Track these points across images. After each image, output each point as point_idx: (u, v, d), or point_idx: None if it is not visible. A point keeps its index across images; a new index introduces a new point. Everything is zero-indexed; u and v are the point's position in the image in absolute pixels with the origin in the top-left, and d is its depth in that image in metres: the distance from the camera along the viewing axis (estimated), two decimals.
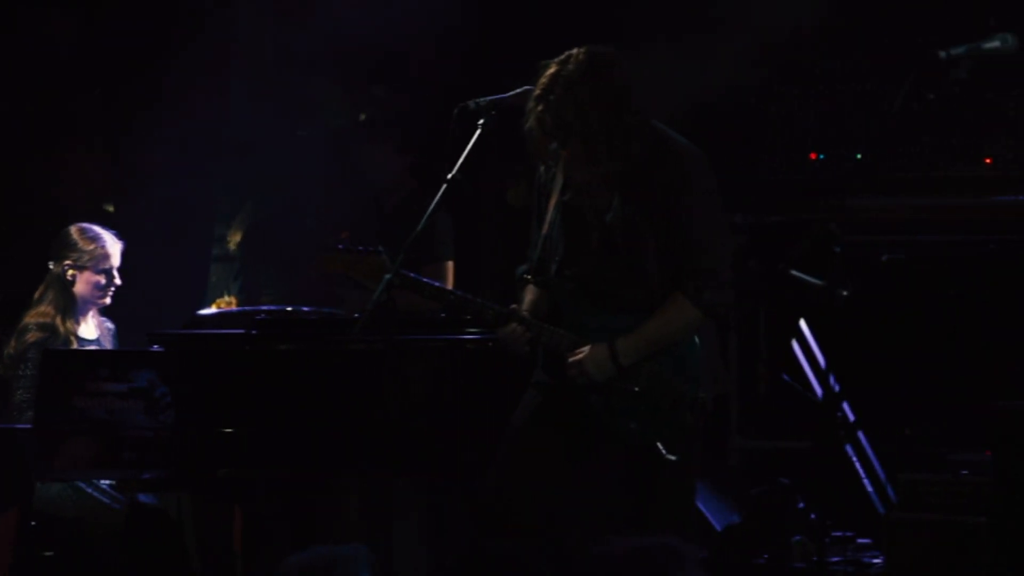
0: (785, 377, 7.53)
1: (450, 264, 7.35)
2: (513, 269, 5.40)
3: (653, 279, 5.15)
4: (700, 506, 6.94)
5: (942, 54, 5.10)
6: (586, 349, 5.15)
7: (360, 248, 5.31)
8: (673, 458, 5.11)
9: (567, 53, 5.11)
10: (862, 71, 7.30)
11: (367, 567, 3.91)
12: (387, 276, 5.19)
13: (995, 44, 5.15)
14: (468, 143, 5.28)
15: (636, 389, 5.15)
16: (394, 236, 5.93)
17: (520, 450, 5.22)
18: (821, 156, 7.49)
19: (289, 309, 6.58)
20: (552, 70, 5.08)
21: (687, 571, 3.85)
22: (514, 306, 5.23)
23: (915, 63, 5.46)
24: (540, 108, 5.06)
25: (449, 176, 5.27)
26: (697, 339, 5.18)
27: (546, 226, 5.24)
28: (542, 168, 5.31)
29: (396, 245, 5.29)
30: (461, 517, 6.21)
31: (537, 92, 5.08)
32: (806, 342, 7.69)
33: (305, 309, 6.54)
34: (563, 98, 5.03)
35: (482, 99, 5.32)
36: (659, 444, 5.12)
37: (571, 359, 5.15)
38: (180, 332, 6.31)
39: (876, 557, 6.96)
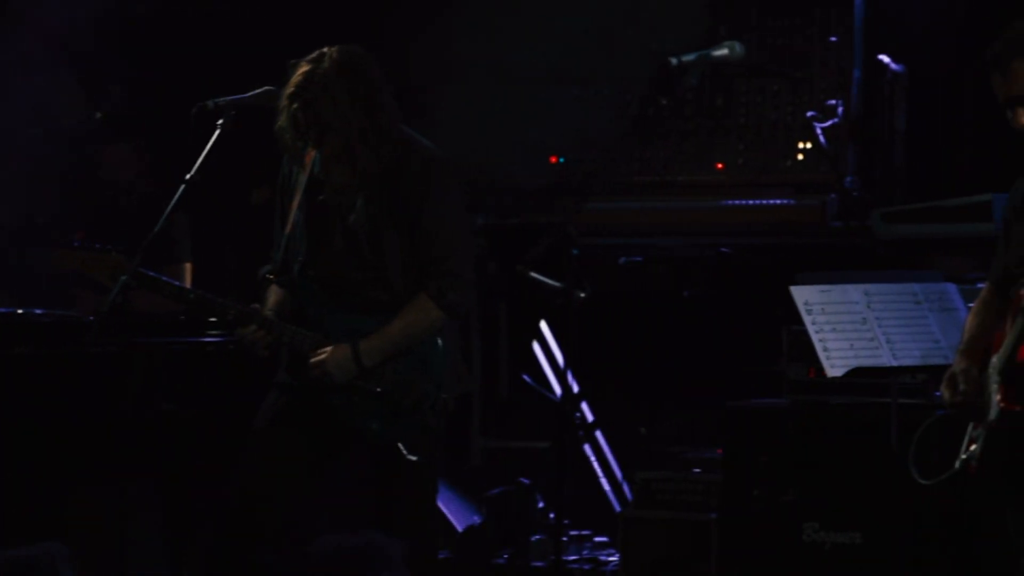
0: (526, 378, 7.62)
1: (188, 266, 7.26)
2: (256, 270, 5.37)
3: (396, 280, 5.18)
4: (441, 506, 6.98)
5: (673, 61, 5.23)
6: (328, 350, 5.14)
7: (97, 246, 5.21)
8: (414, 458, 5.13)
9: (319, 51, 5.10)
10: (600, 76, 7.43)
11: (68, 566, 3.83)
12: (123, 277, 5.10)
13: (723, 52, 5.30)
14: (207, 143, 5.22)
15: (378, 390, 5.16)
16: (131, 236, 5.83)
17: (262, 452, 5.19)
18: (561, 160, 7.59)
19: (20, 312, 6.42)
20: (306, 68, 5.06)
21: (392, 570, 3.88)
22: (256, 306, 5.19)
23: (649, 69, 5.58)
24: (295, 106, 5.04)
25: (188, 176, 5.21)
26: (440, 340, 5.21)
27: (289, 226, 5.22)
28: (285, 168, 5.29)
29: (134, 246, 5.20)
30: (202, 519, 6.14)
31: (291, 90, 5.05)
32: (546, 343, 7.80)
33: (37, 312, 6.39)
34: (319, 96, 5.02)
35: (221, 99, 5.27)
36: (400, 444, 5.14)
37: (313, 360, 5.14)
38: None
39: (612, 555, 7.09)
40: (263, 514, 5.13)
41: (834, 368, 5.53)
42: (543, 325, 7.79)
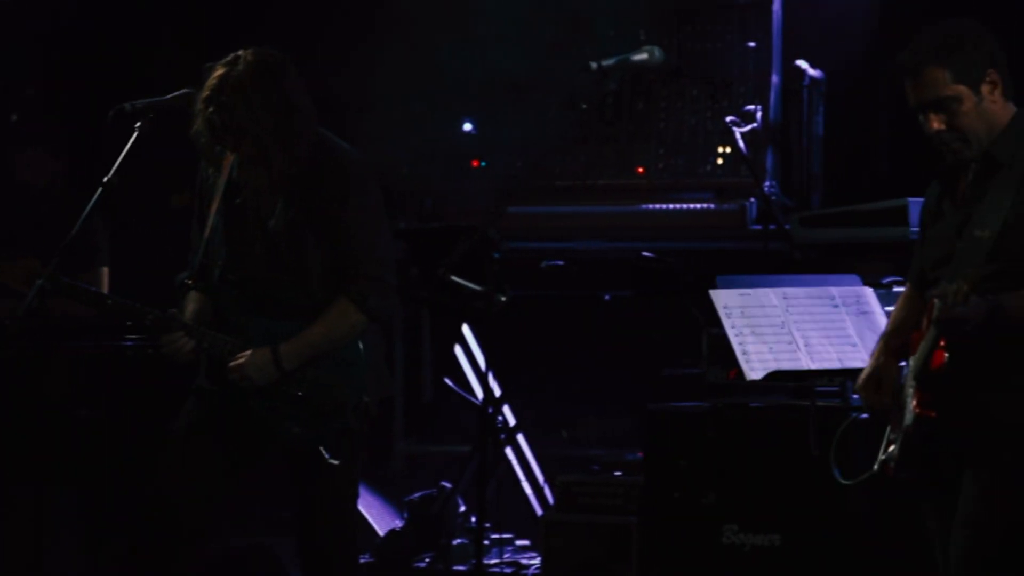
0: (448, 381, 7.62)
1: (105, 270, 7.20)
2: (175, 275, 5.33)
3: (317, 284, 5.16)
4: (362, 510, 6.97)
5: (593, 65, 5.24)
6: (248, 354, 5.12)
7: (11, 252, 5.17)
8: (335, 462, 5.12)
9: (234, 54, 5.08)
10: (522, 81, 7.44)
11: None
12: (39, 281, 5.06)
13: (643, 56, 5.31)
14: (125, 146, 5.18)
15: (299, 393, 5.14)
16: (48, 241, 5.78)
17: (180, 457, 5.16)
18: (483, 164, 7.60)
19: None
20: (221, 71, 5.04)
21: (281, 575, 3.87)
22: (174, 311, 5.16)
23: (572, 74, 5.59)
24: (210, 109, 5.01)
25: (105, 180, 5.17)
26: (361, 344, 5.20)
27: (207, 231, 5.19)
28: (203, 171, 5.26)
29: (50, 250, 5.16)
30: (121, 525, 6.11)
31: (206, 93, 5.03)
32: (468, 347, 7.80)
33: None
34: (235, 99, 5.00)
35: (139, 102, 5.23)
36: (322, 448, 5.13)
37: (232, 364, 5.12)
38: None
39: (534, 558, 7.10)
40: (179, 520, 5.10)
41: (753, 371, 5.57)
42: (465, 329, 7.79)
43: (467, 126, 7.59)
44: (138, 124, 5.22)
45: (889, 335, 4.84)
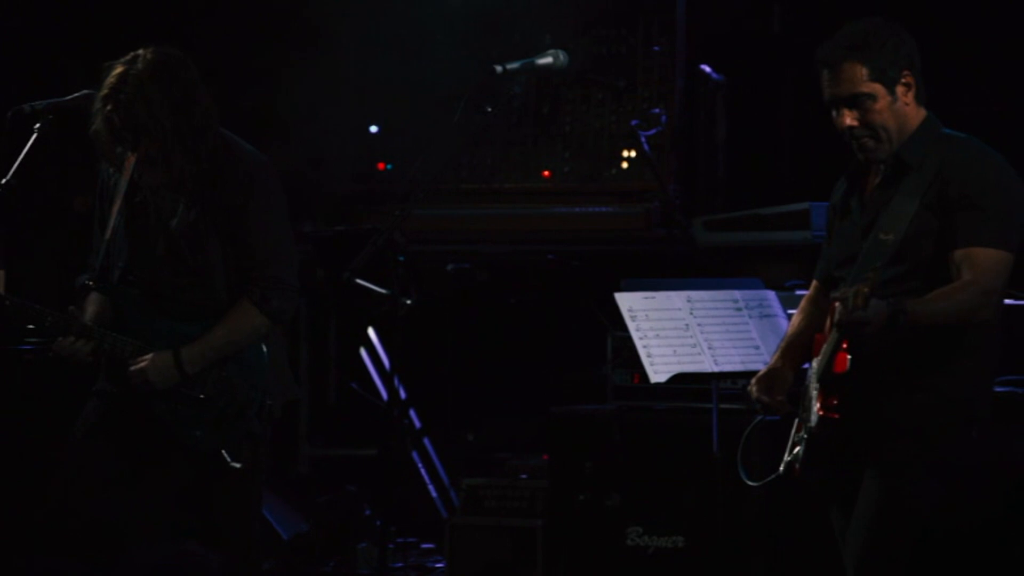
0: (353, 385, 7.59)
1: (1, 273, 7.09)
2: (75, 277, 5.28)
3: (220, 286, 5.12)
4: (267, 514, 6.92)
5: (498, 68, 5.24)
6: (149, 356, 5.07)
7: None
8: (237, 466, 5.09)
9: (134, 53, 5.02)
10: (427, 84, 7.44)
11: None
12: None
13: (548, 60, 5.32)
14: (24, 148, 5.12)
15: (201, 396, 5.10)
16: None
17: (81, 462, 5.11)
18: (389, 166, 7.59)
19: None
20: (120, 70, 4.98)
21: None
22: (73, 310, 5.10)
23: (474, 76, 5.59)
24: (109, 108, 4.96)
25: (3, 182, 5.10)
26: (265, 347, 5.17)
27: (109, 232, 5.14)
28: (104, 172, 5.21)
29: None
30: (19, 531, 6.03)
31: (105, 92, 4.97)
32: (374, 350, 7.78)
33: None
34: (134, 97, 4.95)
35: (38, 102, 5.17)
36: (224, 452, 5.09)
37: (133, 367, 5.07)
38: None
39: (439, 562, 7.09)
40: (80, 525, 5.05)
41: (657, 374, 5.59)
42: (371, 332, 7.77)
43: (372, 128, 7.57)
44: (37, 125, 5.15)
45: (791, 338, 4.88)
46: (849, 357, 4.53)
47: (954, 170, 4.59)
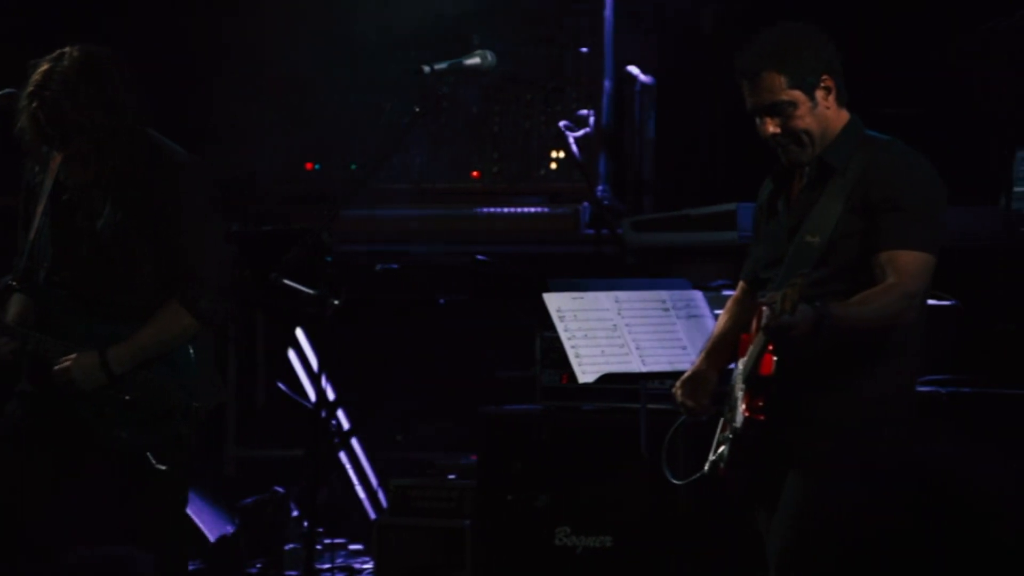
0: (281, 386, 7.56)
1: None
2: None
3: (147, 287, 5.09)
4: (193, 516, 6.89)
5: (426, 69, 5.24)
6: (74, 357, 5.03)
7: None
8: (163, 467, 5.06)
9: (60, 51, 4.99)
10: (356, 84, 7.43)
11: None
12: None
13: (475, 61, 5.32)
14: None
15: (127, 398, 5.07)
16: None
17: (3, 464, 5.06)
18: (317, 166, 7.56)
19: None
20: (45, 67, 4.95)
21: None
22: None
23: (403, 77, 5.59)
24: (34, 105, 4.91)
25: None
26: (192, 348, 5.14)
27: (33, 232, 5.10)
28: (29, 171, 5.16)
29: None
30: None
31: (30, 89, 4.93)
32: (302, 351, 7.75)
33: None
34: (59, 94, 4.91)
35: None
36: (149, 454, 5.06)
37: (57, 367, 5.03)
38: None
39: (367, 563, 7.08)
40: (4, 530, 5.01)
41: (585, 374, 5.60)
42: (299, 332, 7.75)
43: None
44: None
45: (715, 340, 4.90)
46: (775, 359, 4.56)
47: (877, 173, 4.63)
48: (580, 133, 7.03)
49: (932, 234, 4.60)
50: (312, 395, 7.56)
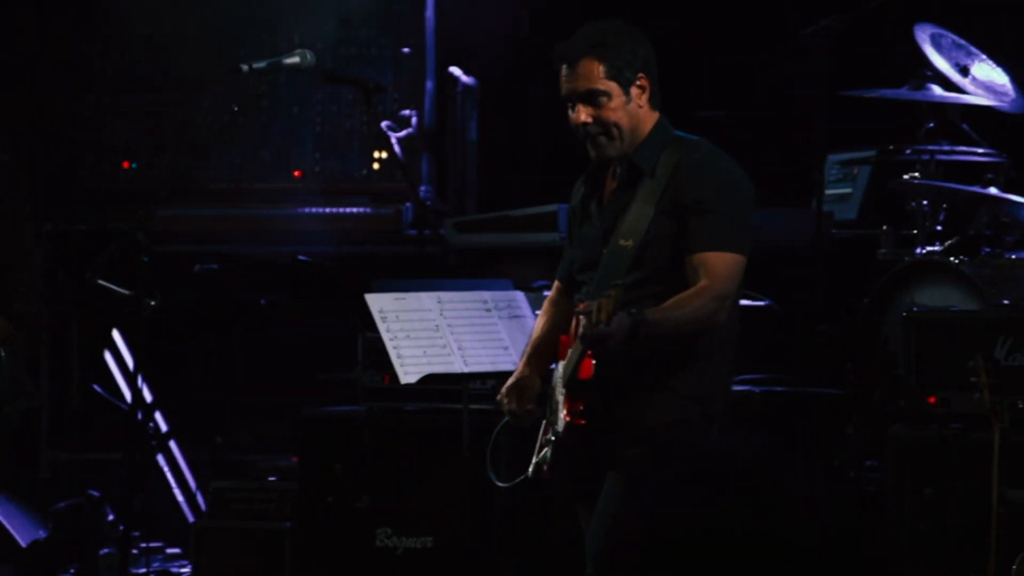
0: (96, 388, 7.43)
1: None
2: None
3: None
4: (3, 520, 6.74)
5: (244, 67, 5.20)
6: None
7: None
8: None
9: None
10: (174, 82, 7.35)
11: None
12: None
13: (295, 59, 5.30)
14: None
15: None
16: None
17: None
18: (134, 165, 7.46)
19: None
20: None
21: None
22: None
23: (221, 75, 5.54)
24: None
25: None
26: (3, 351, 5.03)
27: None
28: None
29: None
30: None
31: None
32: (119, 352, 7.63)
33: None
34: None
35: None
36: None
37: None
38: None
39: (185, 566, 6.99)
40: None
41: (408, 375, 5.59)
42: (115, 334, 7.63)
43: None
44: None
45: (535, 343, 4.91)
46: (593, 363, 4.58)
47: (686, 174, 4.66)
48: (403, 134, 7.02)
49: (742, 235, 4.66)
50: (129, 397, 7.44)
